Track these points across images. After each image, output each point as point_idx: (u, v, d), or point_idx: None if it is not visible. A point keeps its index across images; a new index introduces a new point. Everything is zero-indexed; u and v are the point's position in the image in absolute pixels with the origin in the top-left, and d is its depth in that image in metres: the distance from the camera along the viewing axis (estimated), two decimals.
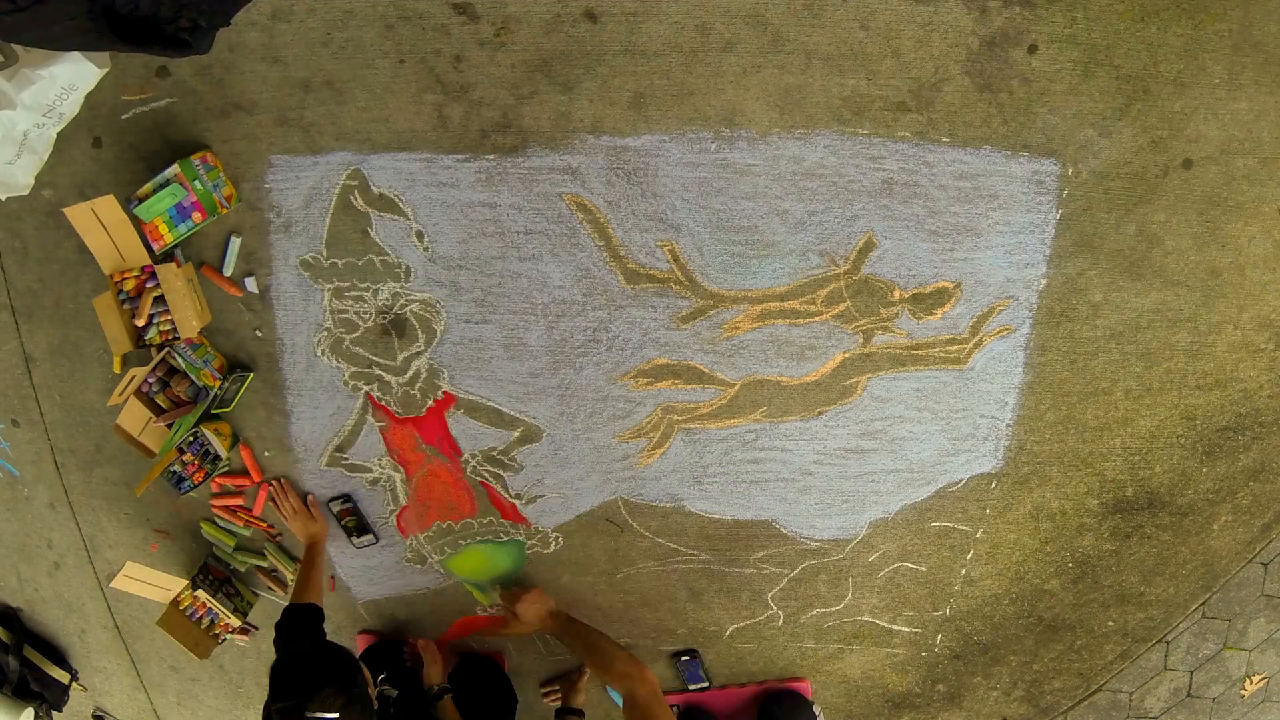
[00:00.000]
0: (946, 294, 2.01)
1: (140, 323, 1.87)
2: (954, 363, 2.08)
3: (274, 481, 2.24)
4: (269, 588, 2.46)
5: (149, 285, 1.87)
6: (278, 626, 1.96)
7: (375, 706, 1.76)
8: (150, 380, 2.04)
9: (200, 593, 2.32)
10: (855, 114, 1.83)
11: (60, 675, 2.67)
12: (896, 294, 2.00)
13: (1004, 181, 1.89)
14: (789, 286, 2.00)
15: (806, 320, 2.03)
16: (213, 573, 2.39)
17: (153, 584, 2.42)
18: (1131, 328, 2.05)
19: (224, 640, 2.46)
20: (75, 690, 2.69)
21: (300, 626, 1.94)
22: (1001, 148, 1.86)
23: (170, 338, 1.90)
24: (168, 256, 1.93)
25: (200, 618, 2.39)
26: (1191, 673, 2.63)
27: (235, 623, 2.40)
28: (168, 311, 1.87)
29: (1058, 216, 1.92)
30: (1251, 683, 2.69)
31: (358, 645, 2.51)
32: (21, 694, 2.60)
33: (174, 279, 1.85)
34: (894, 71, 1.79)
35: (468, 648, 2.56)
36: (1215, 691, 2.68)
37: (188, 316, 1.88)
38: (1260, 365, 2.12)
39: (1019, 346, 2.08)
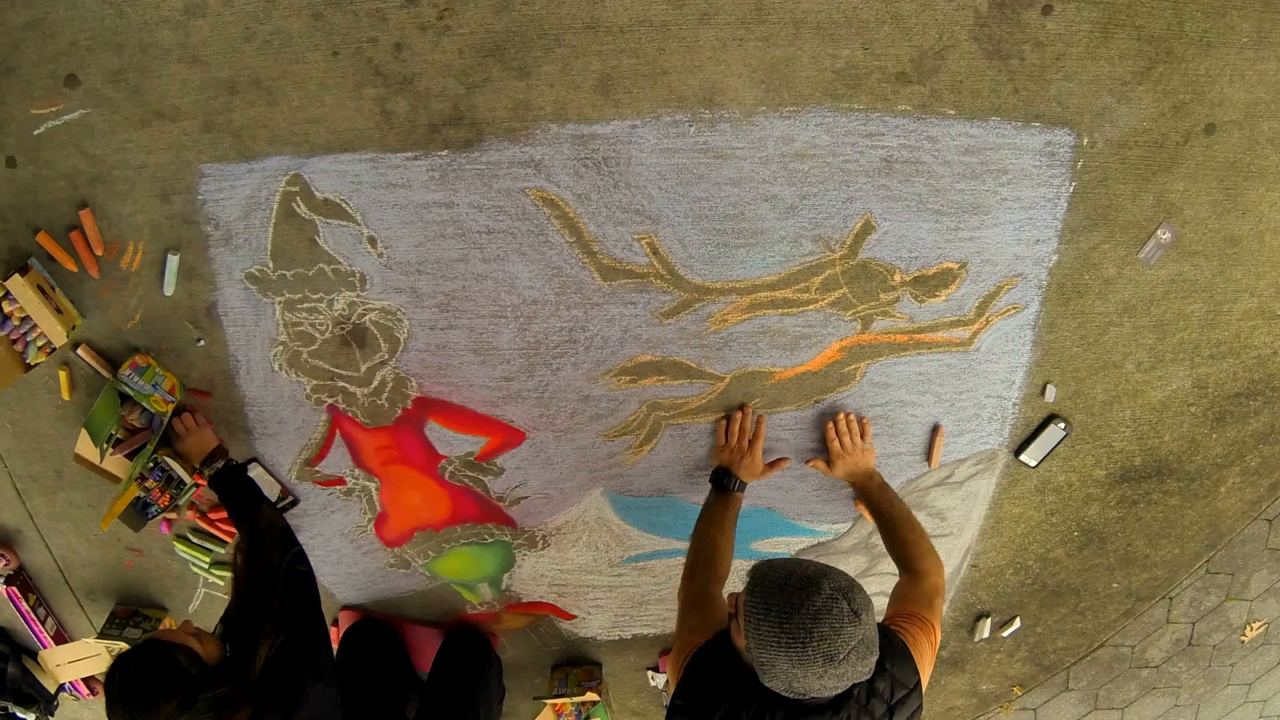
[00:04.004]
0: (951, 275, 1.87)
1: (19, 348, 1.74)
2: (959, 345, 1.96)
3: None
4: None
5: (12, 308, 1.71)
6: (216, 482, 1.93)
7: None
8: None
9: (121, 645, 2.28)
10: (850, 88, 1.65)
11: (50, 684, 2.64)
12: (897, 277, 1.86)
13: (1014, 155, 1.73)
14: (780, 275, 1.85)
15: (800, 309, 1.89)
16: (118, 615, 2.37)
17: (82, 658, 2.39)
18: (1145, 300, 1.93)
19: None
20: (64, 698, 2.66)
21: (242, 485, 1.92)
22: (1012, 119, 1.69)
23: (50, 351, 1.79)
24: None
25: None
26: (1193, 624, 2.63)
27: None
28: (39, 326, 1.74)
29: (1071, 189, 1.77)
30: (1251, 629, 2.69)
31: (341, 623, 2.41)
32: (20, 699, 2.58)
33: (24, 290, 1.69)
34: (893, 39, 1.61)
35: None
36: (1216, 640, 2.69)
37: (51, 324, 1.74)
38: (1276, 331, 2.02)
39: (1027, 325, 1.95)
